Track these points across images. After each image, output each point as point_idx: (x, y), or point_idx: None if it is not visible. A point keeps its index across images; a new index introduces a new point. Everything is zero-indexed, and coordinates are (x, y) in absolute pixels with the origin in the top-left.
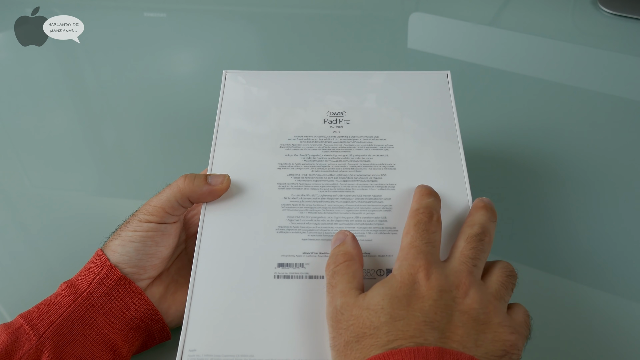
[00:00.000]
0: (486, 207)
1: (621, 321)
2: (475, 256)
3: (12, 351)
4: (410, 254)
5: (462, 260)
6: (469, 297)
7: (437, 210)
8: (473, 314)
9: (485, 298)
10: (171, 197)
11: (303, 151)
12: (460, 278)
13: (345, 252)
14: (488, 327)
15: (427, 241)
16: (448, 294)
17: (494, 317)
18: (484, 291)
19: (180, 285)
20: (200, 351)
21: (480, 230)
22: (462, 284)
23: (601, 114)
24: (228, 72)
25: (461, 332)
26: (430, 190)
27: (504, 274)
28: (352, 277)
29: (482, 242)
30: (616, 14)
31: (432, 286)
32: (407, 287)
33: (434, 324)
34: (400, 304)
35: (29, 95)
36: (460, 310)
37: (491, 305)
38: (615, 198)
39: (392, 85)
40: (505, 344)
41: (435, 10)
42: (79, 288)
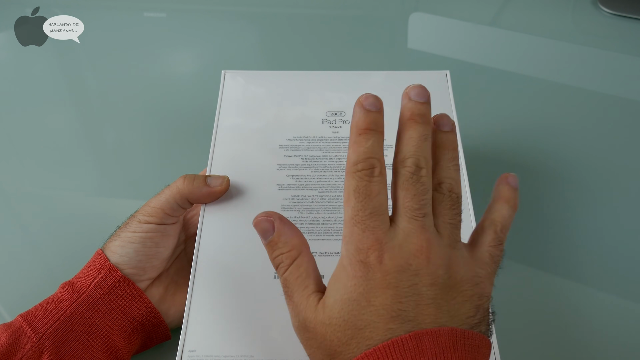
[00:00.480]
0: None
1: (621, 321)
2: (420, 203)
3: (12, 351)
4: (355, 234)
5: (408, 216)
6: (431, 262)
7: (379, 157)
8: (440, 283)
9: (444, 255)
10: (170, 198)
11: (302, 152)
12: (414, 242)
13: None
14: (455, 289)
15: (371, 211)
16: (408, 271)
17: (458, 275)
18: (441, 246)
19: (179, 285)
20: (200, 352)
21: (414, 166)
22: (420, 250)
23: (601, 114)
24: (227, 72)
25: (432, 310)
26: (368, 121)
27: (447, 208)
28: (305, 278)
29: (420, 181)
30: (616, 14)
31: (387, 270)
32: (361, 281)
33: (402, 316)
34: (360, 308)
35: (29, 95)
36: (426, 284)
37: (451, 260)
38: (614, 197)
39: (391, 85)
40: (473, 299)
41: (435, 10)
42: (79, 288)
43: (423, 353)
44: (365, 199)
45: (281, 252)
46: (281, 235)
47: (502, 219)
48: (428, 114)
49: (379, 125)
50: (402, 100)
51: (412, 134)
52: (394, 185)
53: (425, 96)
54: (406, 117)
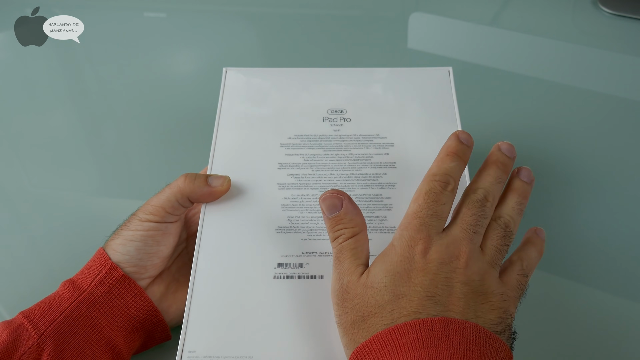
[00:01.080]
0: (497, 164)
1: (623, 321)
2: (476, 222)
3: (13, 349)
4: (413, 225)
5: (462, 227)
6: (469, 268)
7: (455, 178)
8: (473, 286)
9: (482, 268)
10: (171, 197)
11: (303, 150)
12: (460, 247)
13: (350, 224)
14: (485, 297)
15: (433, 213)
16: (448, 266)
17: (490, 287)
18: (481, 260)
19: (181, 284)
20: (199, 352)
21: (482, 196)
22: (462, 254)
23: (601, 114)
24: (228, 70)
25: (462, 304)
26: (457, 149)
27: (499, 236)
28: (360, 251)
29: (483, 208)
30: (616, 14)
31: (431, 259)
32: (406, 261)
33: (435, 298)
34: (402, 280)
35: (29, 95)
36: (460, 281)
37: (487, 274)
38: (613, 197)
39: (393, 81)
40: (499, 311)
41: (435, 10)
42: (80, 286)
43: (448, 338)
44: (433, 202)
45: (345, 226)
46: (347, 213)
47: (529, 259)
48: (510, 167)
49: (465, 156)
50: (493, 149)
51: (491, 172)
52: (460, 204)
53: (513, 153)
54: (491, 160)
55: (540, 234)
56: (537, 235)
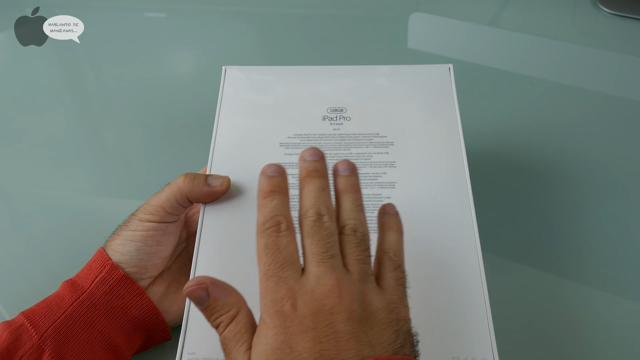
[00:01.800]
0: (310, 175)
1: (624, 322)
2: (326, 248)
3: (13, 349)
4: (269, 287)
5: (316, 260)
6: (344, 299)
7: (285, 214)
8: (356, 317)
9: (356, 290)
10: (171, 197)
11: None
12: (324, 284)
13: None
14: (371, 320)
15: (281, 263)
16: (323, 313)
17: (372, 306)
18: (352, 282)
19: (181, 284)
20: (199, 354)
21: (315, 216)
22: (332, 290)
23: (601, 114)
24: (228, 68)
25: (353, 344)
26: (270, 185)
27: (354, 246)
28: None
29: (323, 227)
30: (616, 14)
31: (303, 315)
32: (280, 331)
33: (325, 356)
34: (285, 355)
35: (29, 95)
36: (342, 320)
37: (363, 295)
38: (614, 197)
39: (393, 79)
40: (391, 325)
41: (435, 10)
42: (80, 287)
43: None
44: (274, 252)
45: (220, 314)
46: (217, 299)
47: (392, 245)
48: (323, 169)
49: (282, 188)
50: (299, 163)
51: (310, 187)
52: (302, 237)
53: (319, 155)
54: (303, 175)
55: (391, 210)
56: (388, 214)
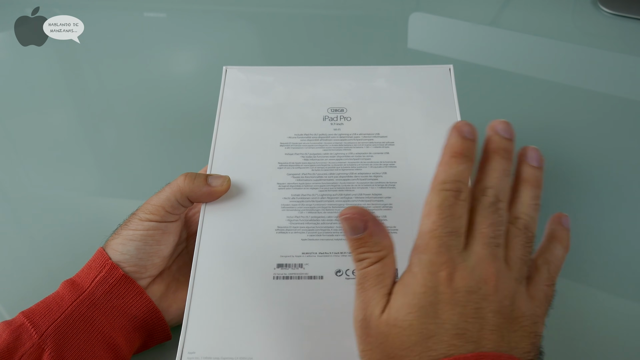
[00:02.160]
0: (499, 152)
1: (625, 322)
2: (496, 234)
3: (13, 349)
4: (431, 247)
5: (483, 242)
6: (499, 292)
7: (467, 183)
8: (504, 313)
9: (511, 288)
10: (171, 196)
11: (303, 150)
12: (486, 269)
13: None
14: (517, 322)
15: (451, 230)
16: (476, 295)
17: (520, 309)
18: (509, 278)
19: (181, 283)
20: (199, 354)
21: (494, 198)
22: (490, 277)
23: (601, 114)
24: (228, 68)
25: (495, 337)
26: (463, 147)
27: (521, 244)
28: (386, 277)
29: (498, 212)
30: (616, 14)
31: (457, 288)
32: (430, 291)
33: (466, 335)
34: (428, 317)
35: (29, 95)
36: (492, 311)
37: (517, 295)
38: (614, 197)
39: (393, 80)
40: (531, 337)
41: (435, 10)
42: (80, 286)
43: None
44: (447, 217)
45: (370, 249)
46: (373, 236)
47: (556, 260)
48: (512, 151)
49: (472, 154)
50: (488, 132)
51: (496, 166)
52: (472, 210)
53: (511, 133)
54: (491, 149)
55: (566, 223)
56: (562, 226)
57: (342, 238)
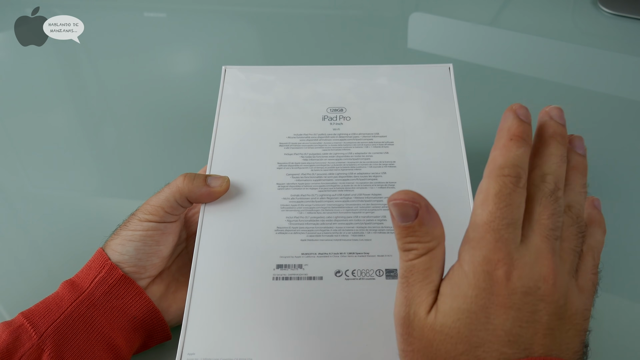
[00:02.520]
0: (556, 138)
1: (632, 323)
2: (556, 225)
3: (13, 349)
4: (486, 241)
5: (543, 235)
6: (556, 290)
7: (526, 170)
8: (560, 314)
9: (566, 284)
10: (170, 197)
11: (302, 150)
12: (546, 265)
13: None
14: (570, 321)
15: (509, 222)
16: (534, 296)
17: (573, 306)
18: (565, 274)
19: (181, 283)
20: (198, 355)
21: (554, 185)
22: (549, 275)
23: (601, 114)
24: (228, 68)
25: (548, 341)
26: (521, 130)
27: (574, 234)
28: (433, 272)
29: (558, 202)
30: (616, 14)
31: (514, 289)
32: (483, 294)
33: (518, 342)
34: (479, 323)
35: (29, 95)
36: (548, 313)
37: (570, 291)
38: (614, 197)
39: (393, 79)
40: (581, 334)
41: (435, 10)
42: (80, 287)
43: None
44: (506, 207)
45: (419, 240)
46: (423, 225)
47: (597, 244)
48: (567, 137)
49: (530, 138)
50: (542, 117)
51: (554, 151)
52: (530, 198)
53: (564, 120)
54: (548, 133)
55: (598, 205)
56: (597, 209)
57: (341, 238)
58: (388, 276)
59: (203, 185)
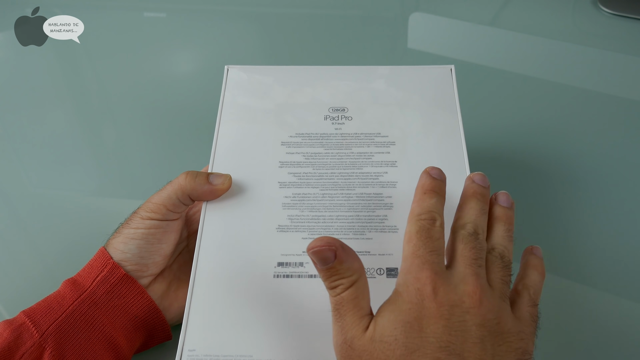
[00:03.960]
0: (476, 196)
1: (632, 323)
2: (477, 256)
3: (14, 348)
4: (414, 265)
5: (466, 263)
6: (483, 306)
7: (440, 214)
8: (489, 327)
9: (496, 304)
10: (172, 195)
11: (304, 149)
12: (469, 284)
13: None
14: (502, 337)
15: (431, 249)
16: (460, 308)
17: (506, 325)
18: (492, 295)
19: (182, 282)
20: (199, 351)
21: (473, 229)
22: (473, 292)
23: (601, 114)
24: (230, 67)
25: (478, 349)
26: (433, 185)
27: (499, 268)
28: (361, 300)
29: (478, 241)
30: (616, 14)
31: (441, 302)
32: (416, 307)
33: (450, 348)
34: (413, 331)
35: (29, 95)
36: (476, 324)
37: (502, 311)
38: (614, 197)
39: (395, 80)
40: (517, 352)
41: (435, 10)
42: (81, 285)
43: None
44: (427, 239)
45: (342, 276)
46: (343, 262)
47: (534, 284)
48: (488, 196)
49: (442, 191)
50: (466, 182)
51: (474, 205)
52: (452, 242)
53: (487, 182)
54: (469, 193)
55: (538, 253)
56: (535, 255)
57: (342, 237)
58: (389, 275)
59: (205, 183)
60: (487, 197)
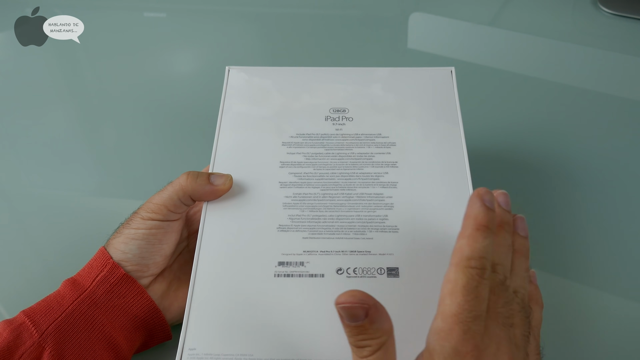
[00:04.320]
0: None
1: (633, 323)
2: (510, 313)
3: (14, 347)
4: (456, 333)
5: (501, 323)
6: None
7: (490, 260)
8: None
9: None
10: (173, 195)
11: (305, 149)
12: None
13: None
14: None
15: (476, 315)
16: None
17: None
18: None
19: (182, 282)
20: (199, 350)
21: (503, 275)
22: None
23: (601, 114)
24: (231, 68)
25: None
26: (488, 220)
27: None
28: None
29: (508, 290)
30: (616, 14)
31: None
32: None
33: None
34: None
35: (29, 95)
36: None
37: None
38: (614, 197)
39: (395, 81)
40: None
41: (435, 10)
42: (81, 285)
43: None
44: (474, 300)
45: (371, 337)
46: (374, 323)
47: (537, 323)
48: (512, 224)
49: (494, 226)
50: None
51: (503, 241)
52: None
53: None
54: (499, 224)
55: (534, 279)
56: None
57: (343, 237)
58: (389, 275)
59: (206, 183)
60: (512, 226)
